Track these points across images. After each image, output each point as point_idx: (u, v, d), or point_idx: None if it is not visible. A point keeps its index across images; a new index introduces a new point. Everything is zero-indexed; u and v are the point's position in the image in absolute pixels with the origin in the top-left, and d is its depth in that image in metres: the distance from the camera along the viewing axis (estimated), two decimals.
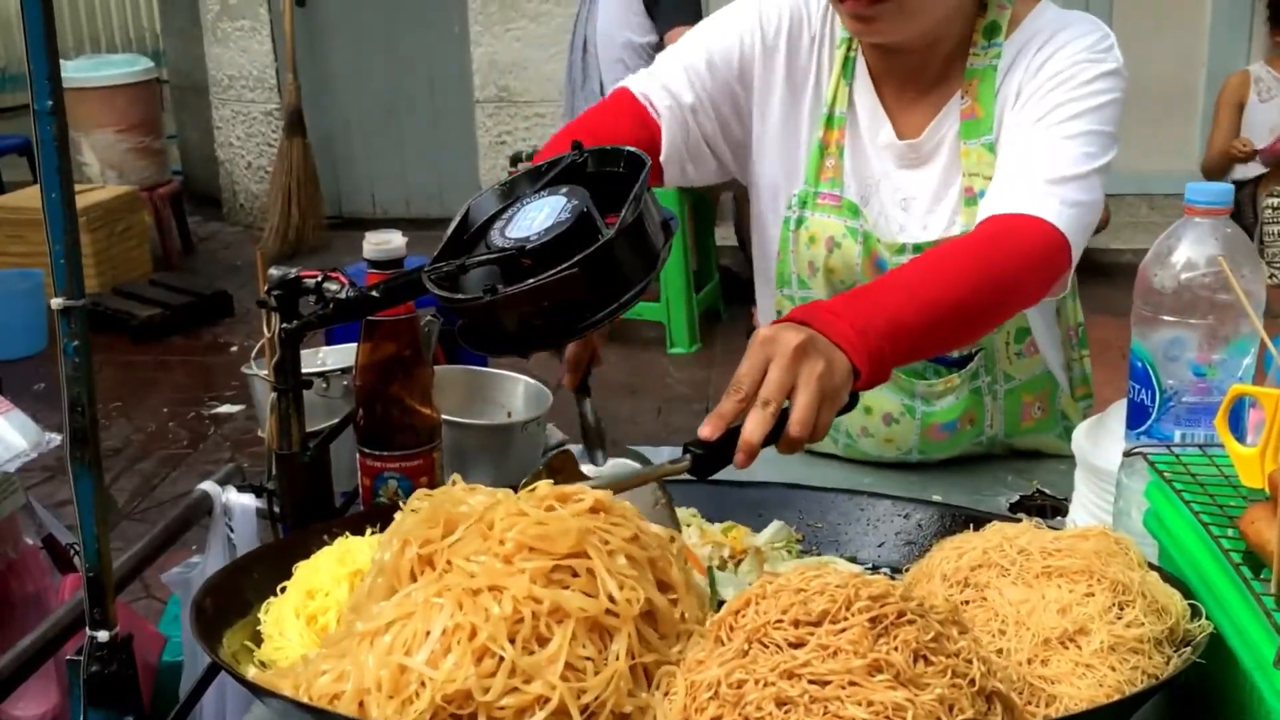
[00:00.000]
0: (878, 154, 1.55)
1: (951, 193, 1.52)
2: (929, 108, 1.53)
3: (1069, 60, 1.45)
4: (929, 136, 1.53)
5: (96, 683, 1.04)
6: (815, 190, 1.56)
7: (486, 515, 0.97)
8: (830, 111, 1.56)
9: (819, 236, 1.56)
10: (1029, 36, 1.49)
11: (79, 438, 0.99)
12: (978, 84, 1.50)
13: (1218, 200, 1.20)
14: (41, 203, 0.96)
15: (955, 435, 1.63)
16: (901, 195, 1.54)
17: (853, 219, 1.54)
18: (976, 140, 1.50)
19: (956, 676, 0.87)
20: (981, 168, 1.49)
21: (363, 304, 1.28)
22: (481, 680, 0.87)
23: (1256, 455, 1.05)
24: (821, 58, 1.57)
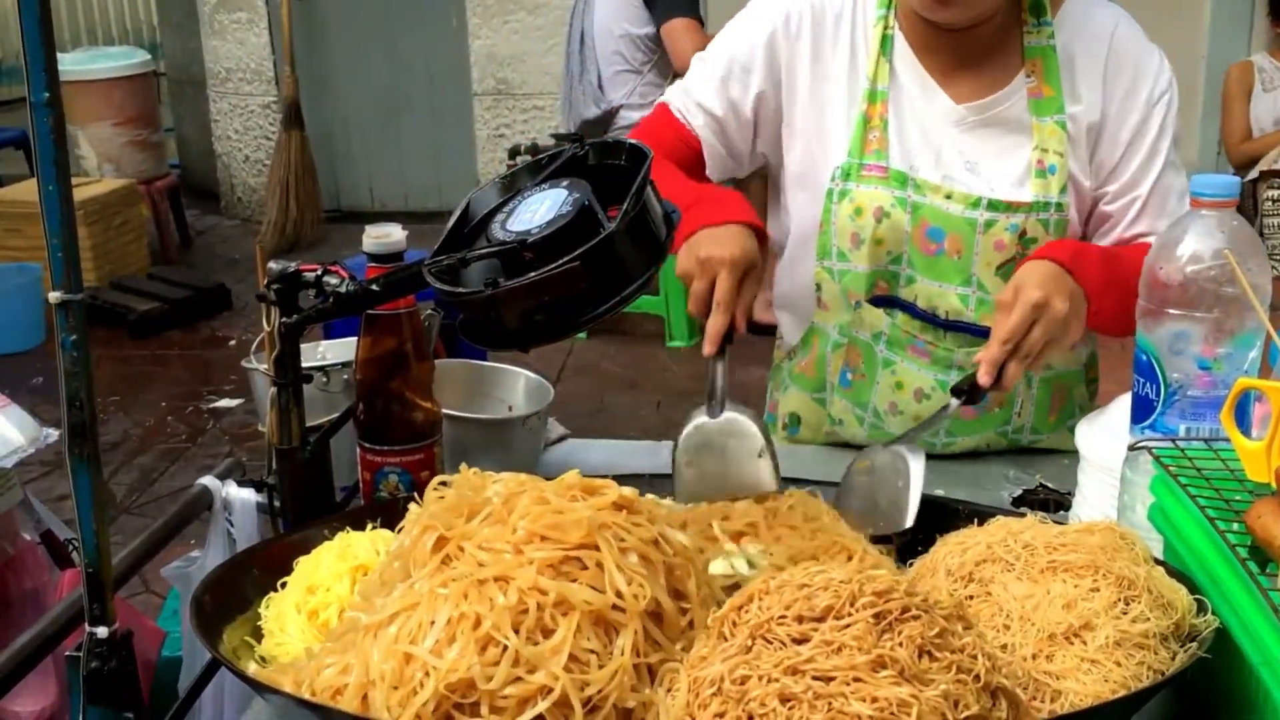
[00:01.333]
0: (936, 121, 1.58)
1: (1019, 158, 1.56)
2: (985, 79, 1.57)
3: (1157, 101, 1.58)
4: (994, 103, 1.57)
5: (96, 679, 1.04)
6: (860, 162, 1.57)
7: (510, 501, 0.98)
8: (873, 87, 1.58)
9: (866, 207, 1.57)
10: (1074, 20, 1.57)
11: (77, 433, 0.99)
12: (1041, 64, 1.56)
13: (1224, 193, 1.20)
14: (39, 196, 0.95)
15: (984, 417, 1.63)
16: (965, 158, 1.57)
17: (900, 189, 1.56)
18: (1049, 117, 1.55)
19: (961, 672, 0.86)
20: (1053, 143, 1.55)
21: (363, 298, 1.28)
22: (485, 669, 0.87)
23: (1263, 449, 1.04)
24: (855, 37, 1.60)
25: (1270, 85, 5.69)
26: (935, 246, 1.56)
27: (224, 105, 7.01)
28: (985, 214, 1.54)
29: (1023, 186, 1.55)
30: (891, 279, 1.60)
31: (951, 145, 1.58)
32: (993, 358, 1.35)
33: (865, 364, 1.64)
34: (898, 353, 1.61)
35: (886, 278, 1.60)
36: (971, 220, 1.54)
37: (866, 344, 1.63)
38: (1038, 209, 1.54)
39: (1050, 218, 1.54)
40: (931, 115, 1.58)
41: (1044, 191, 1.54)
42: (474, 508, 0.98)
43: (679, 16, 4.58)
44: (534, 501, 0.96)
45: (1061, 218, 1.55)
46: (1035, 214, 1.54)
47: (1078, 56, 1.56)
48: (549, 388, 1.62)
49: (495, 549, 0.93)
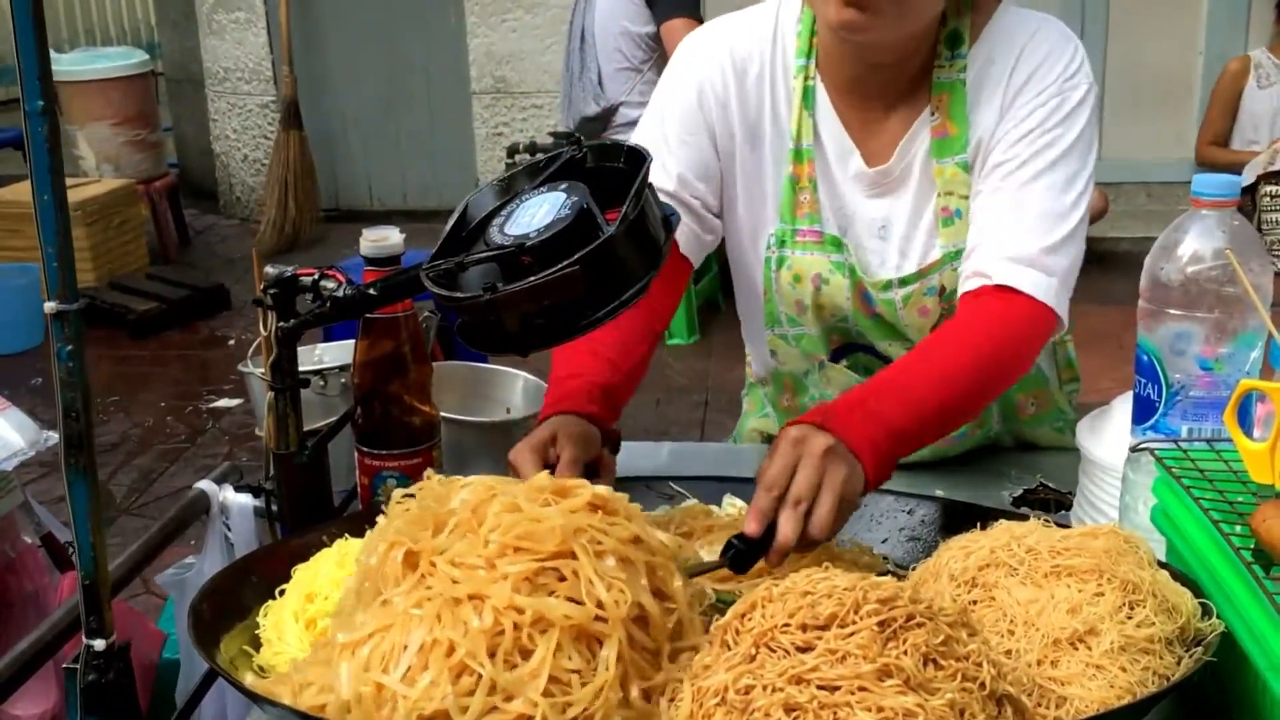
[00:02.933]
0: (849, 186, 1.50)
1: (927, 215, 1.47)
2: (896, 127, 1.47)
3: (1043, 96, 1.40)
4: (898, 160, 1.47)
5: (93, 691, 1.03)
6: (793, 228, 1.51)
7: (479, 510, 0.95)
8: (797, 146, 1.49)
9: (804, 275, 1.51)
10: (994, 44, 1.43)
11: (74, 444, 0.98)
12: (947, 99, 1.44)
13: (1225, 192, 1.19)
14: (33, 204, 0.95)
15: (964, 438, 1.63)
16: (879, 225, 1.49)
17: (836, 253, 1.50)
18: (950, 159, 1.44)
19: (967, 680, 0.86)
20: (956, 186, 1.44)
21: (360, 302, 1.27)
22: (459, 700, 0.84)
23: (1266, 450, 1.04)
24: (776, 92, 1.50)
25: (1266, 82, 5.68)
26: (873, 310, 1.51)
27: (222, 105, 7.00)
28: (899, 291, 1.48)
29: (933, 240, 1.47)
30: (844, 333, 1.56)
31: (864, 214, 1.49)
32: (759, 506, 1.15)
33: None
34: None
35: (839, 332, 1.56)
36: (889, 300, 1.49)
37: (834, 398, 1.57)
38: (949, 259, 1.46)
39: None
40: (847, 182, 1.49)
41: (953, 240, 1.45)
42: (440, 520, 0.95)
43: (680, 16, 4.57)
44: (505, 509, 0.93)
45: None
46: (949, 265, 1.46)
47: (989, 76, 1.43)
48: None
49: (468, 564, 0.90)
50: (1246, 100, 5.72)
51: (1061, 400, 1.70)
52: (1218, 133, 5.79)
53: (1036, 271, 1.37)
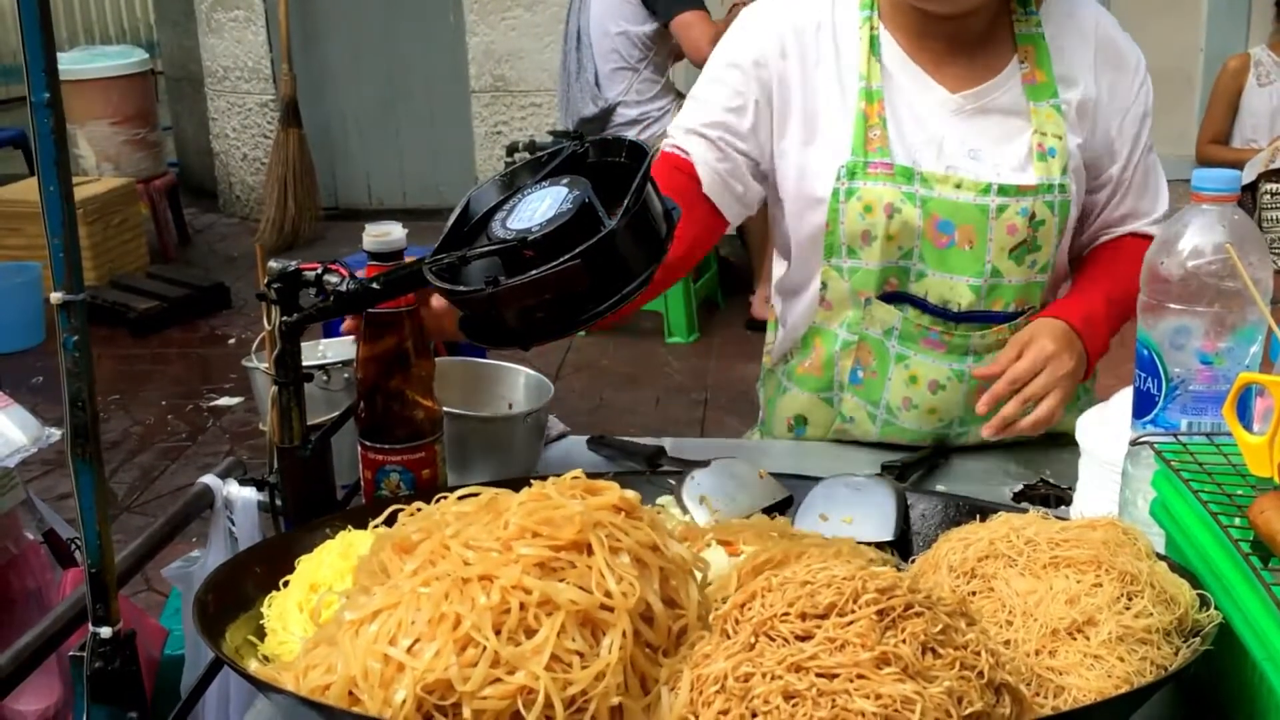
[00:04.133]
0: (933, 112, 1.61)
1: (1020, 143, 1.60)
2: (977, 67, 1.62)
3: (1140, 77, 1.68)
4: (989, 90, 1.61)
5: (100, 679, 1.04)
6: (865, 160, 1.59)
7: (496, 502, 0.97)
8: (867, 86, 1.60)
9: (876, 204, 1.58)
10: (1063, 17, 1.64)
11: (79, 433, 0.99)
12: (1033, 51, 1.62)
13: (1225, 187, 1.19)
14: (40, 196, 0.95)
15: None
16: (968, 146, 1.60)
17: (908, 184, 1.58)
18: (1045, 102, 1.61)
19: (965, 669, 0.86)
20: (1051, 126, 1.60)
21: (363, 296, 1.27)
22: (463, 670, 0.85)
23: (1265, 444, 1.04)
24: (838, 42, 1.63)
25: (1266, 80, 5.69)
26: (946, 239, 1.59)
27: (222, 103, 7.00)
28: (997, 199, 1.57)
29: (1026, 170, 1.59)
30: (902, 274, 1.61)
31: (953, 134, 1.60)
32: (996, 391, 1.49)
33: (877, 361, 1.65)
34: (911, 346, 1.63)
35: (897, 274, 1.61)
36: (984, 206, 1.57)
37: (878, 340, 1.64)
38: (1043, 191, 1.58)
39: (1055, 199, 1.59)
40: (928, 107, 1.61)
41: (1047, 174, 1.59)
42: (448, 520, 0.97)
43: (688, 10, 4.58)
44: (532, 498, 0.95)
45: (1065, 199, 1.59)
46: (1041, 196, 1.58)
47: (1066, 46, 1.63)
48: (549, 385, 1.62)
49: (482, 546, 0.92)
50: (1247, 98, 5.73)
51: (1088, 380, 1.73)
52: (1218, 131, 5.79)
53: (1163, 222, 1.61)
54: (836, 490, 1.38)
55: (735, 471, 1.42)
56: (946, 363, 1.62)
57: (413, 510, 1.04)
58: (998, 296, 1.61)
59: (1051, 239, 1.60)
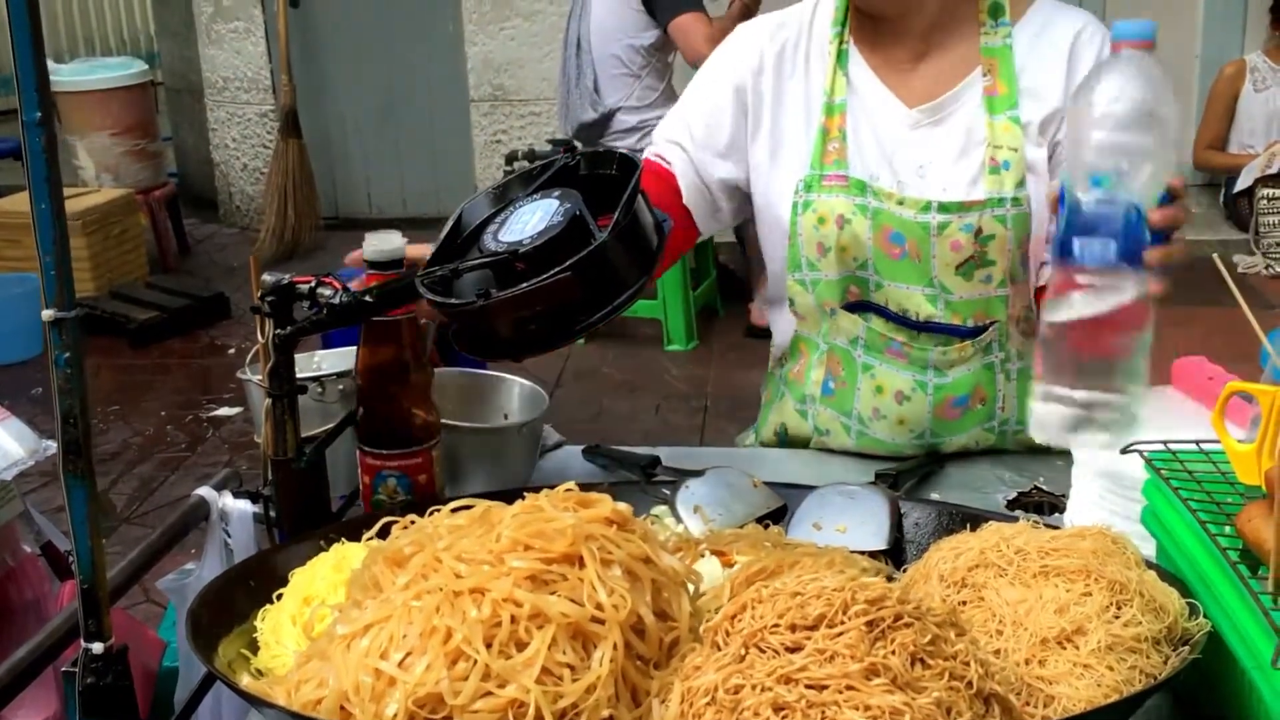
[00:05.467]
0: (890, 127, 1.62)
1: (971, 160, 1.58)
2: (939, 78, 1.61)
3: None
4: (946, 103, 1.60)
5: (92, 694, 1.04)
6: (820, 173, 1.61)
7: (489, 515, 0.98)
8: (829, 100, 1.62)
9: (828, 216, 1.60)
10: (1041, 27, 1.61)
11: (72, 450, 0.99)
12: (998, 63, 1.60)
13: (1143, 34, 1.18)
14: (31, 214, 0.96)
15: (967, 414, 1.64)
16: (918, 163, 1.60)
17: (860, 196, 1.59)
18: (1003, 114, 1.58)
19: (954, 679, 0.87)
20: (1007, 139, 1.57)
21: (356, 309, 1.28)
22: (453, 684, 0.86)
23: (1253, 452, 1.05)
24: (810, 57, 1.66)
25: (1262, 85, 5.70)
26: (898, 250, 1.59)
27: (221, 114, 7.02)
28: (937, 217, 1.57)
29: (976, 185, 1.58)
30: (862, 284, 1.63)
31: (904, 151, 1.61)
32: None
33: (845, 370, 1.66)
34: (875, 356, 1.64)
35: (857, 283, 1.63)
36: (925, 224, 1.57)
37: (845, 350, 1.66)
38: (992, 205, 1.56)
39: (1007, 212, 1.57)
40: (886, 121, 1.62)
41: (997, 188, 1.56)
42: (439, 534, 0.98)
43: (685, 12, 4.59)
44: (525, 510, 0.96)
45: (1020, 211, 1.57)
46: (990, 210, 1.56)
47: (1037, 58, 1.60)
48: (544, 395, 1.62)
49: (475, 559, 0.92)
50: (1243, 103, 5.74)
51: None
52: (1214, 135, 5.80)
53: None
54: (830, 499, 1.38)
55: (730, 481, 1.42)
56: (910, 373, 1.62)
57: (406, 523, 1.05)
58: (953, 311, 1.60)
59: (1006, 253, 1.57)
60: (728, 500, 1.40)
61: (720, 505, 1.38)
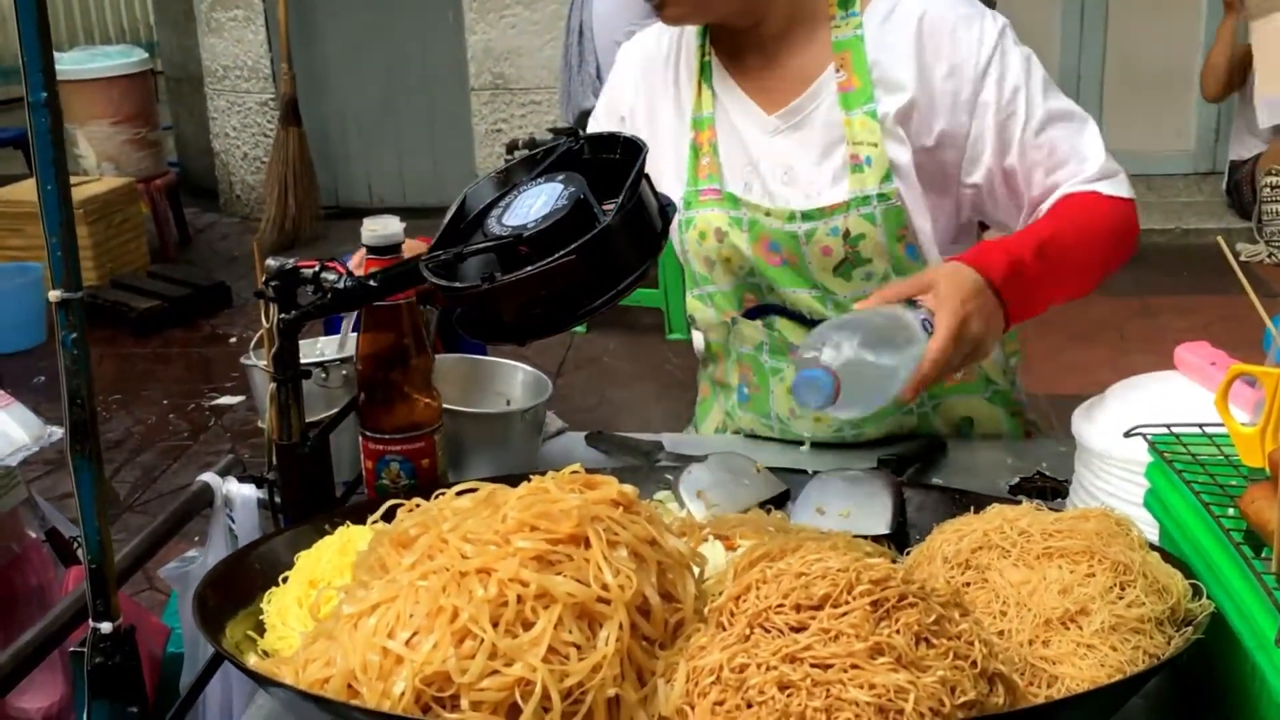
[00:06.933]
0: (752, 134, 1.60)
1: (833, 160, 1.55)
2: (795, 82, 1.58)
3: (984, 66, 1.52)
4: (803, 105, 1.57)
5: (100, 674, 1.04)
6: (696, 189, 1.61)
7: (494, 496, 0.98)
8: (698, 115, 1.62)
9: (708, 230, 1.61)
10: (886, 13, 1.54)
11: (79, 430, 0.99)
12: (850, 56, 1.54)
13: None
14: (38, 196, 0.96)
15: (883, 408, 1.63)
16: (782, 169, 1.58)
17: (734, 209, 1.59)
18: (859, 110, 1.53)
19: (958, 659, 0.87)
20: (866, 135, 1.53)
21: (360, 293, 1.28)
22: (460, 662, 0.86)
23: (1256, 435, 1.05)
24: (679, 72, 1.66)
25: None
26: (777, 258, 1.59)
27: (221, 103, 7.01)
28: (803, 225, 1.55)
29: (839, 185, 1.54)
30: (755, 290, 1.64)
31: (768, 158, 1.59)
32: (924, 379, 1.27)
33: (757, 376, 1.68)
34: (781, 359, 1.64)
35: (751, 290, 1.64)
36: (793, 233, 1.56)
37: (752, 356, 1.67)
38: (856, 204, 1.53)
39: (874, 209, 1.53)
40: (749, 130, 1.60)
41: (860, 186, 1.52)
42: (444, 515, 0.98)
43: None
44: (531, 492, 0.96)
45: (889, 206, 1.53)
46: (855, 210, 1.53)
47: (885, 46, 1.53)
48: (547, 382, 1.63)
49: (481, 540, 0.92)
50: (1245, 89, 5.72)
51: (994, 372, 1.70)
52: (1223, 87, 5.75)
53: (1105, 181, 1.53)
54: (833, 484, 1.38)
55: (732, 466, 1.43)
56: None
57: (411, 506, 1.05)
58: (842, 309, 1.57)
59: (880, 249, 1.54)
60: (731, 485, 1.40)
61: (723, 490, 1.39)
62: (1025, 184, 1.56)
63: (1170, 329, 4.23)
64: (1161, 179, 6.27)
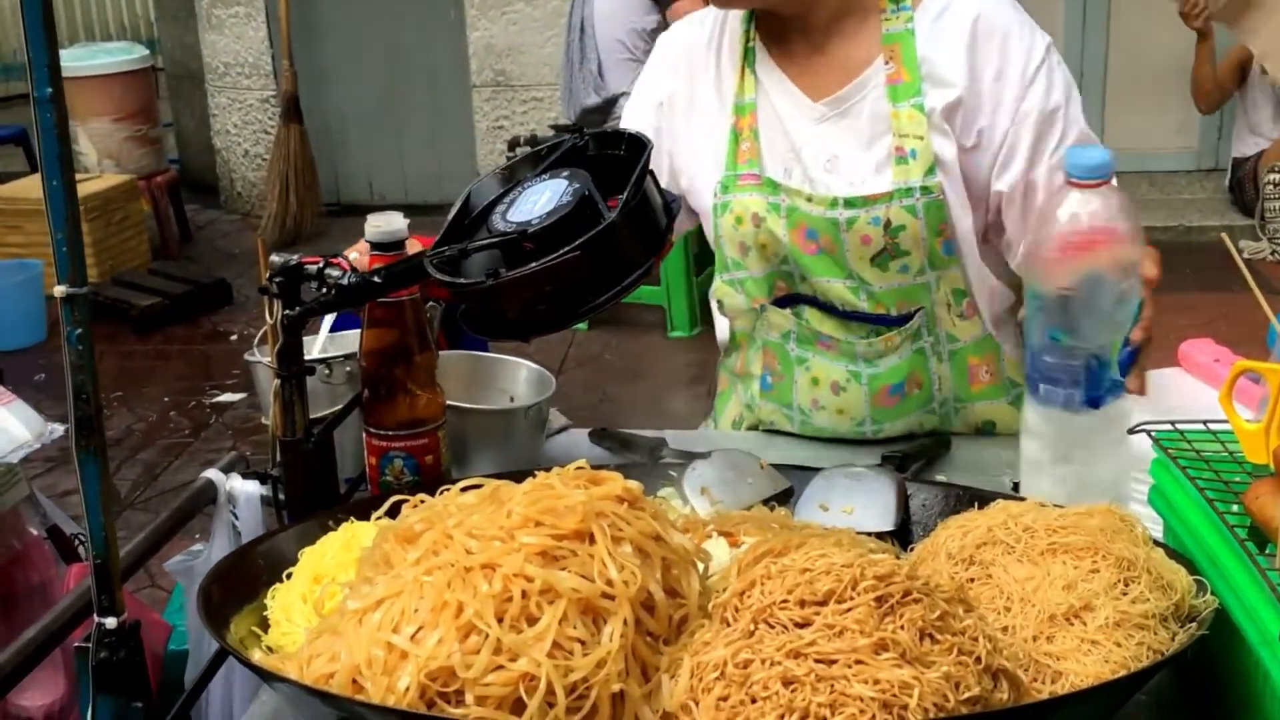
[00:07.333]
0: (797, 122, 1.61)
1: (878, 149, 1.57)
2: (842, 70, 1.59)
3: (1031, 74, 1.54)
4: (849, 94, 1.58)
5: (105, 669, 1.05)
6: (735, 174, 1.62)
7: (499, 493, 0.98)
8: (739, 100, 1.63)
9: (744, 216, 1.61)
10: (940, 13, 1.56)
11: (84, 426, 0.99)
12: (900, 49, 1.56)
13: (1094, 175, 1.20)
14: (43, 191, 0.96)
15: (904, 400, 1.64)
16: (825, 157, 1.59)
17: (773, 194, 1.59)
18: (906, 102, 1.55)
19: (962, 654, 0.87)
20: (912, 128, 1.55)
21: (364, 289, 1.28)
22: (465, 657, 0.86)
23: (1261, 431, 1.05)
24: (721, 58, 1.66)
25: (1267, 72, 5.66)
26: (814, 246, 1.59)
27: (222, 100, 7.01)
28: (845, 212, 1.55)
29: (882, 175, 1.56)
30: (788, 279, 1.64)
31: (811, 146, 1.60)
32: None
33: (782, 365, 1.67)
34: (808, 349, 1.64)
35: (783, 278, 1.64)
36: (834, 220, 1.56)
37: (778, 344, 1.67)
38: (899, 196, 1.54)
39: (916, 202, 1.54)
40: (793, 117, 1.61)
41: (904, 178, 1.54)
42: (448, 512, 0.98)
43: None
44: (536, 487, 0.96)
45: (931, 200, 1.54)
46: (897, 201, 1.54)
47: (940, 40, 1.55)
48: (551, 378, 1.63)
49: (486, 535, 0.93)
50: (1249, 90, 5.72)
51: (1015, 371, 1.70)
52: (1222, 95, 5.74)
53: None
54: (837, 481, 1.38)
55: (736, 463, 1.43)
56: (842, 364, 1.62)
57: (416, 502, 1.05)
58: (877, 301, 1.59)
59: (920, 241, 1.55)
60: (734, 482, 1.40)
61: (727, 487, 1.39)
62: (1043, 202, 1.56)
63: (1173, 326, 4.22)
64: (1164, 176, 6.28)
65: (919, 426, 1.67)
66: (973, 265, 1.62)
